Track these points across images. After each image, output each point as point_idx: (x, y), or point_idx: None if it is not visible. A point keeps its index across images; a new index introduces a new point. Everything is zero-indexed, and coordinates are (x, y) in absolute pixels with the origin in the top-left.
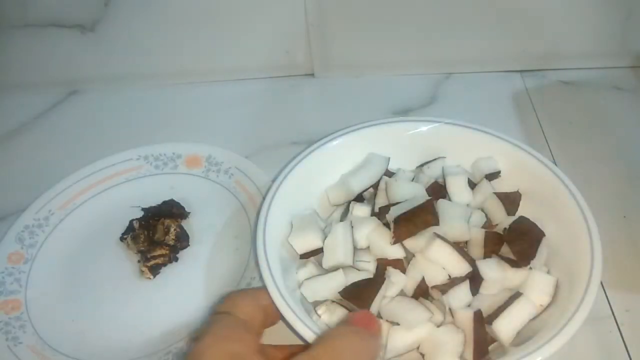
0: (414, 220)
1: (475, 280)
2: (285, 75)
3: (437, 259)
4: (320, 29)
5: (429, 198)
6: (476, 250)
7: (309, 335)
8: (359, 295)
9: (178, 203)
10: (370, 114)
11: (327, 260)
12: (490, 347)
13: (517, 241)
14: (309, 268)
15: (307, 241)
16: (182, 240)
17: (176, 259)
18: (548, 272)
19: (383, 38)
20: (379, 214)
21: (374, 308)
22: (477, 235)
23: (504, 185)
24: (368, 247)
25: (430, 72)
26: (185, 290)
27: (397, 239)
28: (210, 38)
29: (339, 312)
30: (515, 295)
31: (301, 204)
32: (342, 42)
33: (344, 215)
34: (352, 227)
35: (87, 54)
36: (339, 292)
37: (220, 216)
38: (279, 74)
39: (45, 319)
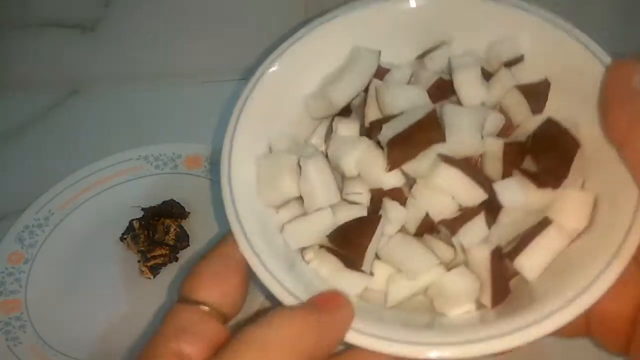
0: (413, 139)
1: (492, 207)
2: None
3: (444, 187)
4: None
5: (430, 110)
6: (493, 166)
7: (290, 301)
8: (350, 240)
9: (178, 203)
10: None
11: (309, 207)
12: (511, 282)
13: (545, 155)
14: (292, 206)
15: (279, 193)
16: (182, 240)
17: (176, 259)
18: (583, 186)
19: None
20: (371, 130)
21: (371, 252)
22: (493, 147)
23: (527, 72)
24: (359, 175)
25: None
26: None
27: (392, 165)
28: (210, 38)
29: (329, 260)
30: (543, 223)
31: (275, 124)
32: None
33: (329, 135)
34: (326, 158)
35: (87, 54)
36: (327, 237)
37: (221, 216)
38: None
39: (45, 319)
